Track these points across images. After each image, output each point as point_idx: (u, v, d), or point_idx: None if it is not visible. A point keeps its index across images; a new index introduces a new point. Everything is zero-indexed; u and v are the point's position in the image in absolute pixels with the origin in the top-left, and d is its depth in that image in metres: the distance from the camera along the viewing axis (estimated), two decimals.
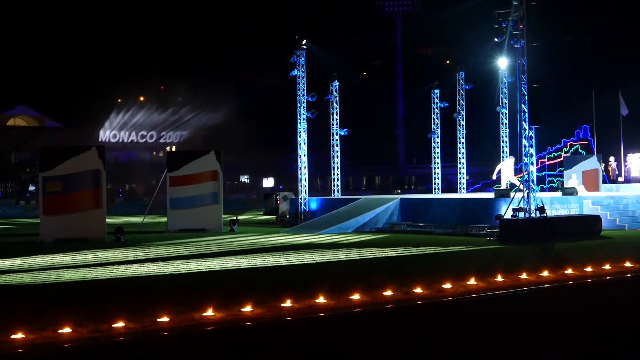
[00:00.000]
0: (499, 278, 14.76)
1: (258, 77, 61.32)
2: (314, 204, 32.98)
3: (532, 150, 25.05)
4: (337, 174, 34.73)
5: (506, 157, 33.62)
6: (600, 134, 40.43)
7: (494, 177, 31.42)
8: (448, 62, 70.10)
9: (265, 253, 20.72)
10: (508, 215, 24.34)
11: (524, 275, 15.11)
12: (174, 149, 60.00)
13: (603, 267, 16.34)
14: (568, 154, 38.30)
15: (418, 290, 13.48)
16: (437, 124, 37.55)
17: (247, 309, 11.94)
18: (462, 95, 37.07)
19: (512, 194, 25.88)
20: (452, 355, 9.52)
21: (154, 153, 69.32)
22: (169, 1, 71.64)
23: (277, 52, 42.55)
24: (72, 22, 70.99)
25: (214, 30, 72.89)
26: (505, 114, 36.60)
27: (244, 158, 64.29)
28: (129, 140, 68.95)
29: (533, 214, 24.00)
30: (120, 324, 10.92)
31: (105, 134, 67.78)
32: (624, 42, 64.19)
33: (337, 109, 34.12)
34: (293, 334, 10.85)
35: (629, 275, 15.78)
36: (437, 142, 37.70)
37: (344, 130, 33.98)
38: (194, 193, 30.18)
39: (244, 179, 76.57)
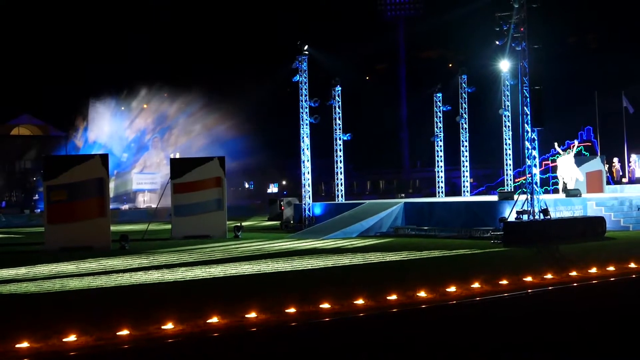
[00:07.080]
0: (504, 281, 14.75)
1: (260, 83, 61.41)
2: (318, 209, 32.99)
3: (535, 153, 25.06)
4: (341, 179, 34.76)
5: (562, 151, 33.32)
6: (604, 135, 40.38)
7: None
8: (450, 65, 70.11)
9: (270, 259, 20.72)
10: (512, 217, 24.34)
11: (528, 278, 15.11)
12: (177, 156, 60.07)
13: (607, 269, 16.33)
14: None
15: (422, 294, 13.50)
16: (440, 127, 37.60)
17: (252, 315, 11.96)
18: (465, 98, 37.14)
19: (515, 197, 25.87)
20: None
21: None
22: (172, 8, 71.81)
23: (279, 58, 42.62)
24: (76, 31, 71.19)
25: (217, 35, 73.05)
26: (508, 116, 36.67)
27: (248, 164, 64.41)
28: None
29: (537, 216, 23.99)
30: (125, 332, 10.94)
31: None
32: (625, 43, 64.11)
33: (340, 114, 34.17)
34: (296, 340, 10.87)
35: (633, 276, 15.75)
36: (441, 146, 37.74)
37: (347, 135, 34.03)
38: (198, 200, 30.20)
39: (248, 185, 76.64)
